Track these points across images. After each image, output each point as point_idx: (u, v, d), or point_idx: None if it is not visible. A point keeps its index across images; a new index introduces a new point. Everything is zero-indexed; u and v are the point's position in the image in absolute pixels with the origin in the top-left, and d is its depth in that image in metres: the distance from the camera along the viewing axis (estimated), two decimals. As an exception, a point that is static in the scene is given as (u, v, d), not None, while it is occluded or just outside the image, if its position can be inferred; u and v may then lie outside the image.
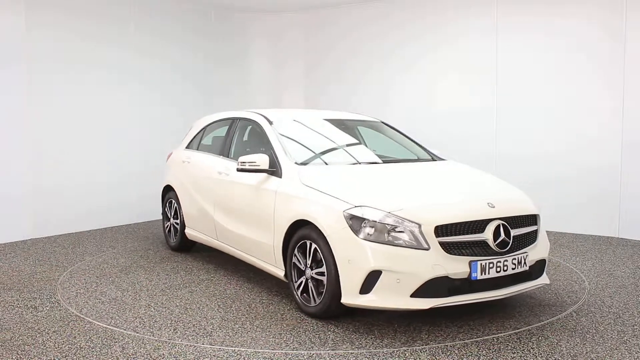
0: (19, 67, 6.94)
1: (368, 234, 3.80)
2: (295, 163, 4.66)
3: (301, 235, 4.25)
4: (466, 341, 3.78)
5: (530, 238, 4.19)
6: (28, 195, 7.07)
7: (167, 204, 6.57)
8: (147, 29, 8.38)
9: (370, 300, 3.78)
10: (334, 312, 4.08)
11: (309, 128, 5.42)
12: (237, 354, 3.57)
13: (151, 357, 3.54)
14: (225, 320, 4.23)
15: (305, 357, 3.54)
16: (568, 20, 7.37)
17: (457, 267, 3.75)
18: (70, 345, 3.72)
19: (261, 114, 5.46)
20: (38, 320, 4.22)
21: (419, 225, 3.77)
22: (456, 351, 3.62)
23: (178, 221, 6.31)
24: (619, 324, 4.12)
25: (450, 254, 3.77)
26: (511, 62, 7.79)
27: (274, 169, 4.72)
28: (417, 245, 3.74)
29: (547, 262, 4.38)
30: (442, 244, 3.76)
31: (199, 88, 9.16)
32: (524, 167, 7.72)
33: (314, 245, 4.11)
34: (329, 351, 3.61)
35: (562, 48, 7.42)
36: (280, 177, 4.64)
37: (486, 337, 3.85)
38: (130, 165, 8.21)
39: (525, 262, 4.02)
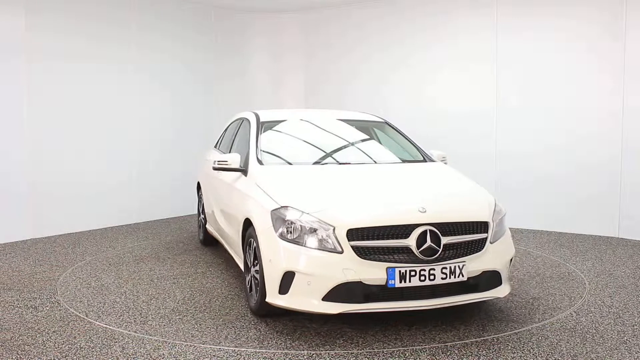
0: (19, 67, 6.95)
1: (287, 234, 3.80)
2: (259, 162, 4.74)
3: (249, 233, 4.34)
4: (466, 341, 3.78)
5: (474, 247, 3.87)
6: (28, 195, 7.07)
7: (199, 200, 6.95)
8: (147, 29, 8.37)
9: (286, 301, 3.77)
10: (267, 311, 4.08)
11: (306, 128, 5.47)
12: (237, 354, 3.57)
13: (151, 357, 3.54)
14: (173, 311, 4.41)
15: (305, 357, 3.54)
16: (568, 19, 7.38)
17: (372, 272, 3.60)
18: (70, 345, 3.72)
19: (255, 113, 5.58)
20: (38, 320, 4.22)
21: (334, 228, 3.68)
22: (456, 351, 3.62)
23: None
24: (619, 324, 4.12)
25: (365, 258, 3.62)
26: (511, 61, 7.80)
27: (245, 168, 4.84)
28: (332, 248, 3.66)
29: (501, 273, 3.99)
30: (355, 248, 3.63)
31: (199, 87, 9.16)
32: (524, 166, 7.74)
33: (254, 244, 4.17)
34: (328, 351, 3.61)
35: (562, 47, 7.42)
36: (246, 176, 4.76)
37: (486, 337, 3.85)
38: (130, 165, 8.21)
39: (461, 272, 3.73)
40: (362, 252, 3.64)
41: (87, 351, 3.63)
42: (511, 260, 4.16)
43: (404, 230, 3.69)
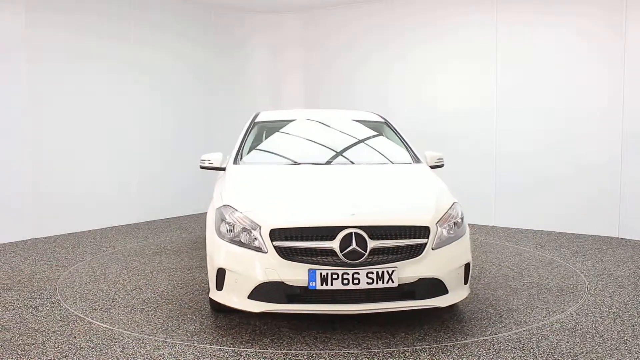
0: (19, 65, 6.95)
1: (223, 232, 3.89)
2: (234, 162, 4.87)
3: None
4: (466, 341, 3.78)
5: (410, 252, 3.72)
6: (28, 196, 7.07)
7: None
8: (147, 28, 8.38)
9: (221, 298, 3.87)
10: (219, 305, 4.09)
11: (299, 129, 5.49)
12: (237, 354, 3.57)
13: (151, 357, 3.54)
14: (143, 301, 4.65)
15: (305, 357, 3.54)
16: (568, 17, 7.38)
17: (294, 273, 3.59)
18: (70, 345, 3.72)
19: (256, 113, 5.66)
20: (38, 320, 4.22)
21: (260, 228, 3.72)
22: (456, 351, 3.62)
23: None
24: (619, 324, 4.12)
25: (288, 259, 3.62)
26: (511, 60, 7.80)
27: (224, 167, 4.95)
28: (258, 247, 3.70)
29: (445, 282, 3.78)
30: (278, 248, 3.64)
31: (199, 86, 9.16)
32: (524, 166, 7.73)
33: None
34: (328, 351, 3.61)
35: (562, 46, 7.42)
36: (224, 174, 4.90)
37: (486, 337, 3.85)
38: (130, 164, 8.21)
39: (391, 278, 3.60)
40: (284, 253, 3.65)
41: (87, 351, 3.63)
42: (467, 267, 3.96)
43: (329, 232, 3.64)
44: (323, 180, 4.48)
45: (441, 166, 5.27)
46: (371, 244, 3.63)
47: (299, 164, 4.84)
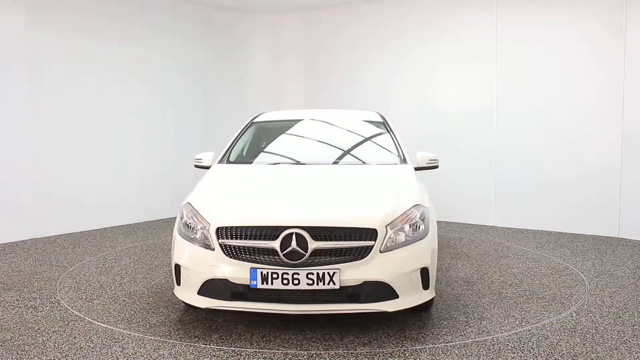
0: (19, 66, 6.95)
1: (181, 229, 4.01)
2: (219, 161, 4.99)
3: None
4: (466, 341, 3.78)
5: (355, 254, 3.65)
6: (28, 196, 7.07)
7: None
8: (147, 29, 8.38)
9: (179, 293, 3.99)
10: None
11: (295, 129, 5.49)
12: (237, 354, 3.57)
13: (151, 357, 3.54)
14: (129, 294, 4.82)
15: (305, 357, 3.54)
16: (568, 16, 7.38)
17: (237, 272, 3.66)
18: (70, 345, 3.72)
19: (259, 114, 5.70)
20: (38, 320, 4.22)
21: (209, 226, 3.81)
22: (456, 351, 3.62)
23: None
24: (619, 324, 4.12)
25: (232, 257, 3.70)
26: (511, 60, 7.80)
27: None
28: (207, 245, 3.79)
29: (393, 286, 3.66)
30: (223, 246, 3.73)
31: (199, 87, 9.16)
32: (524, 166, 7.73)
33: None
34: (328, 351, 3.62)
35: (562, 46, 7.42)
36: None
37: (486, 337, 3.85)
38: (130, 164, 8.21)
39: (332, 280, 3.58)
40: (229, 251, 3.73)
41: (87, 351, 3.63)
42: (424, 272, 3.82)
43: (272, 232, 3.67)
44: (287, 181, 4.51)
45: (435, 167, 5.09)
46: (313, 244, 3.61)
47: (280, 163, 4.90)
